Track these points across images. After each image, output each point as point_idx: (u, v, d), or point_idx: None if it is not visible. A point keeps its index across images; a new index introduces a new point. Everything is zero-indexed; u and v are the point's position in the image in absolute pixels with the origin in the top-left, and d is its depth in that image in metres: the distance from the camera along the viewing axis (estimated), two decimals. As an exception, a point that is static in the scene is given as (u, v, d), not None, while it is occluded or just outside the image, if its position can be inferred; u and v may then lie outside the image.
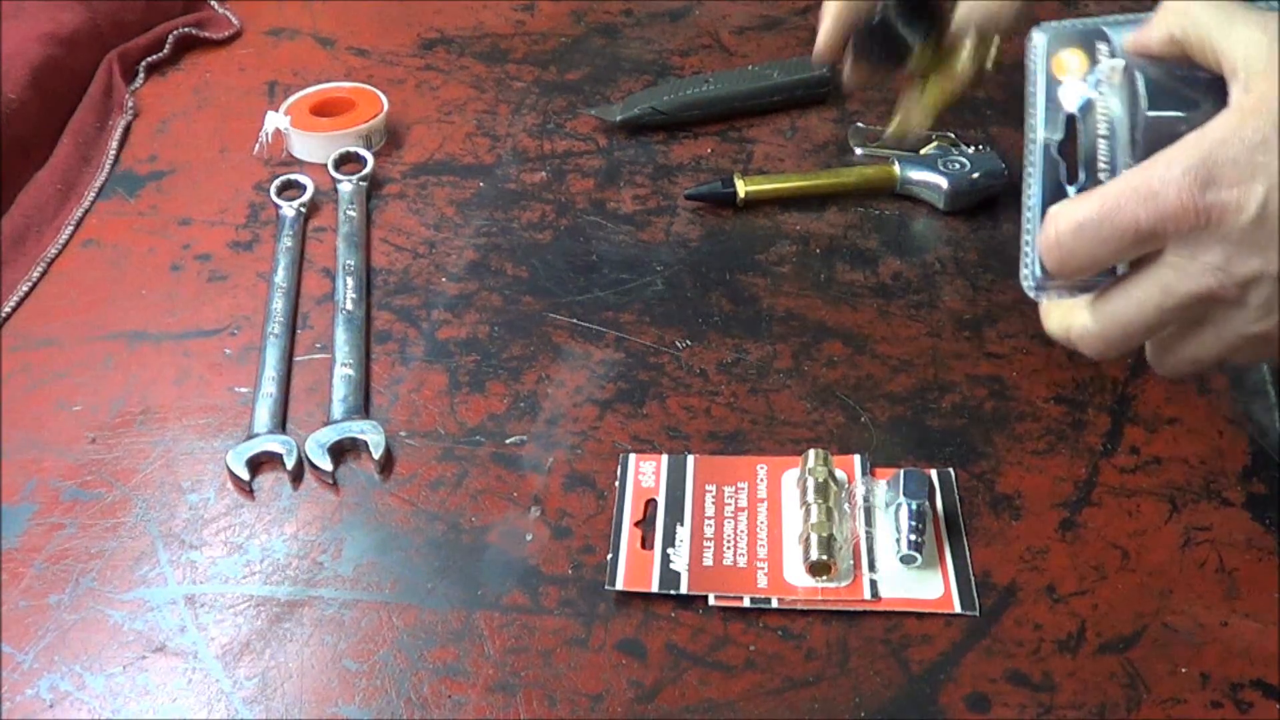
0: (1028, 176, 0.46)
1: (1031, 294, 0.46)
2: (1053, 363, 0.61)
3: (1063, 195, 0.45)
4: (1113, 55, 0.46)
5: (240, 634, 0.49)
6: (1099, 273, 0.44)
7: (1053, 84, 0.46)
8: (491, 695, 0.47)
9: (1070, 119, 0.46)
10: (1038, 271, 0.45)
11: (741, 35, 0.88)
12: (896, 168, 0.72)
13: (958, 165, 0.71)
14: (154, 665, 0.48)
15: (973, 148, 0.73)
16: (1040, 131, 0.46)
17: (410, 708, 0.46)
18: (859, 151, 0.76)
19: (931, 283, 0.66)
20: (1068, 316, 0.46)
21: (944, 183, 0.70)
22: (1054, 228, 0.43)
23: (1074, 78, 0.46)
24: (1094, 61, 0.46)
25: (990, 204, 0.71)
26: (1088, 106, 0.45)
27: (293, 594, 0.51)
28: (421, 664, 0.48)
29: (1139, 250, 0.43)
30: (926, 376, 0.60)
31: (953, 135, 0.75)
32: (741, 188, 0.71)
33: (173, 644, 0.49)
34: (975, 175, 0.71)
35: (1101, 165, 0.44)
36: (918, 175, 0.71)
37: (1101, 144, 0.45)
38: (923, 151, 0.74)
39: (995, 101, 0.81)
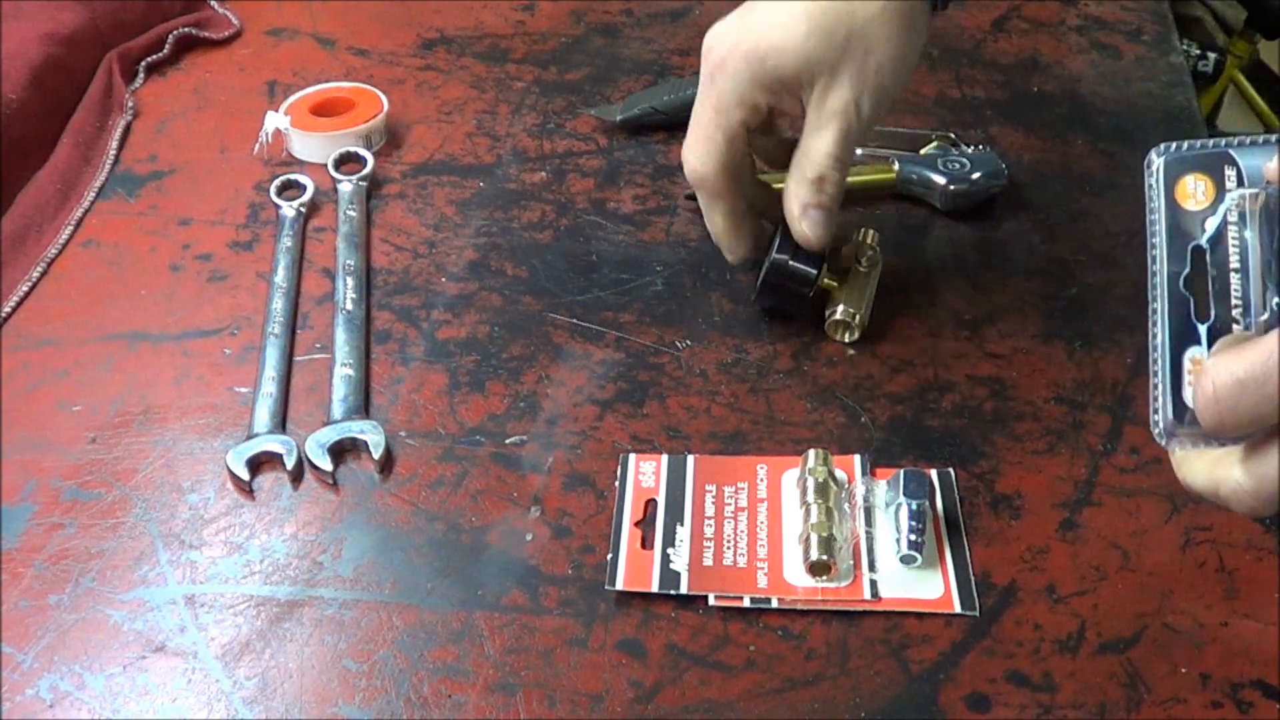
0: (1153, 314, 0.43)
1: (1160, 441, 0.43)
2: (1053, 363, 0.61)
3: (1192, 333, 0.43)
4: (1241, 181, 0.43)
5: (240, 634, 0.49)
6: (1261, 430, 0.40)
7: (1176, 212, 0.43)
8: (491, 695, 0.47)
9: (1196, 250, 0.43)
10: (1170, 415, 0.42)
11: (741, 35, 0.88)
12: (896, 168, 0.72)
13: (958, 165, 0.71)
14: (154, 665, 0.48)
15: (973, 148, 0.73)
16: (1164, 264, 0.43)
17: (410, 708, 0.46)
18: (859, 151, 0.76)
19: (931, 283, 0.66)
20: (1215, 471, 0.42)
21: (944, 183, 0.70)
22: (1211, 383, 0.39)
23: (1200, 206, 0.43)
24: (1221, 188, 0.43)
25: (990, 204, 0.71)
26: (1218, 237, 0.43)
27: (293, 594, 0.51)
28: (421, 664, 0.48)
29: None
30: (926, 376, 0.60)
31: (953, 135, 0.75)
32: (741, 188, 0.71)
33: (173, 644, 0.49)
34: (975, 175, 0.71)
35: (1234, 301, 0.42)
36: (918, 175, 0.71)
37: (1234, 278, 0.42)
38: (923, 151, 0.74)
39: (995, 101, 0.81)
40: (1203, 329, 0.42)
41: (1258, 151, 0.43)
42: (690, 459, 0.56)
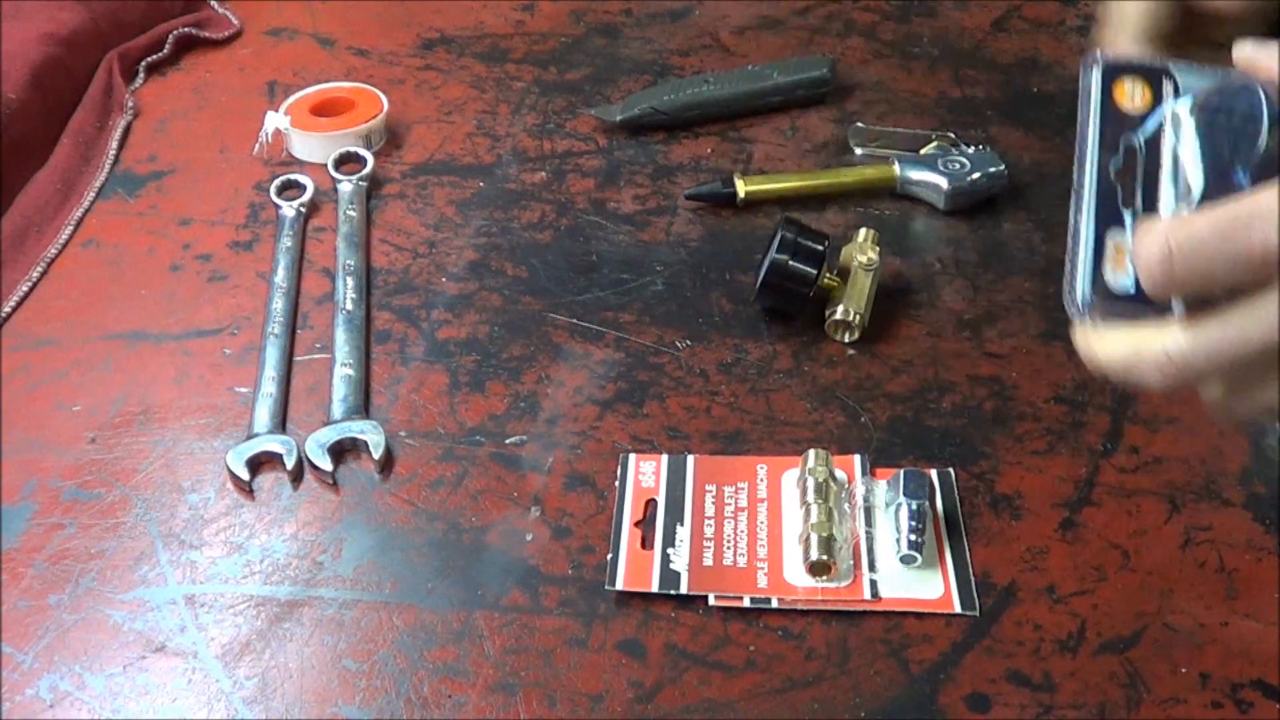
0: (1076, 195, 0.44)
1: (1075, 315, 0.43)
2: (1053, 363, 0.61)
3: (1116, 217, 0.43)
4: (1178, 95, 0.44)
5: (240, 634, 0.49)
6: (1200, 296, 0.40)
7: (1112, 110, 0.45)
8: (491, 695, 0.47)
9: (1128, 148, 0.44)
10: (1087, 293, 0.42)
11: (741, 35, 0.88)
12: (896, 168, 0.72)
13: (957, 165, 0.71)
14: (154, 665, 0.48)
15: (973, 148, 0.73)
16: (1094, 151, 0.44)
17: (410, 708, 0.46)
18: (859, 151, 0.76)
19: (931, 283, 0.66)
20: (1145, 340, 0.41)
21: (944, 183, 0.70)
22: (1165, 241, 0.39)
23: (1136, 109, 0.44)
24: (1159, 97, 0.44)
25: (990, 204, 0.71)
26: (1153, 139, 0.44)
27: (293, 594, 0.51)
28: (421, 664, 0.48)
29: (1252, 276, 0.39)
30: (926, 376, 0.60)
31: (953, 135, 0.75)
32: (741, 188, 0.71)
33: (173, 644, 0.49)
34: (975, 175, 0.71)
35: (1163, 200, 0.43)
36: (917, 175, 0.71)
37: (1164, 176, 0.43)
38: (923, 151, 0.74)
39: (995, 101, 0.81)
40: (1128, 216, 0.43)
41: (1196, 72, 0.44)
42: (690, 459, 0.56)
